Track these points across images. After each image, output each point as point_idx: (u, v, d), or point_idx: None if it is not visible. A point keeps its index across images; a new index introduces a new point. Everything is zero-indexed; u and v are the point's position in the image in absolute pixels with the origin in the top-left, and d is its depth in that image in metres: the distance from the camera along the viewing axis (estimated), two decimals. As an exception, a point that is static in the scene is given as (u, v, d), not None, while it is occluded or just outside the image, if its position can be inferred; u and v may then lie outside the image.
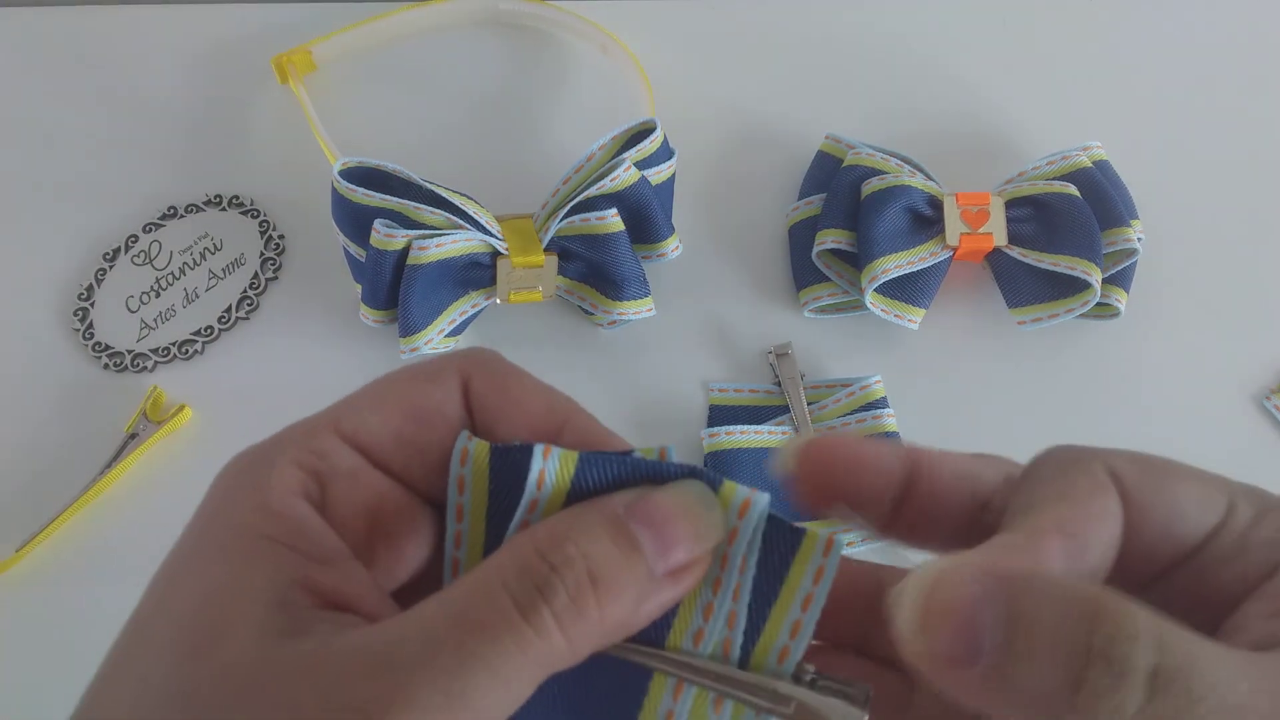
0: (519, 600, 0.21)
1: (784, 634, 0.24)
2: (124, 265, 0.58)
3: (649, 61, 0.62)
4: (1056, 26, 0.66)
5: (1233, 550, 0.24)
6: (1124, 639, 0.20)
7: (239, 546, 0.22)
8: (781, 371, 0.55)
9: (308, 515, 0.23)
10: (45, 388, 0.55)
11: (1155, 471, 0.24)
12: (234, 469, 0.24)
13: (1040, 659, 0.20)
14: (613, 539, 0.22)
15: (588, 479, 0.23)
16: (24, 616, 0.50)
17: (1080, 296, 0.54)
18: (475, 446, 0.24)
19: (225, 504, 0.23)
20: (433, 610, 0.21)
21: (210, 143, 0.62)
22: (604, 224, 0.52)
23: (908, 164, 0.57)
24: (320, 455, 0.24)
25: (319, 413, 0.25)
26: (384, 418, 0.24)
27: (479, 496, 0.24)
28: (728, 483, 0.24)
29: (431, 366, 0.25)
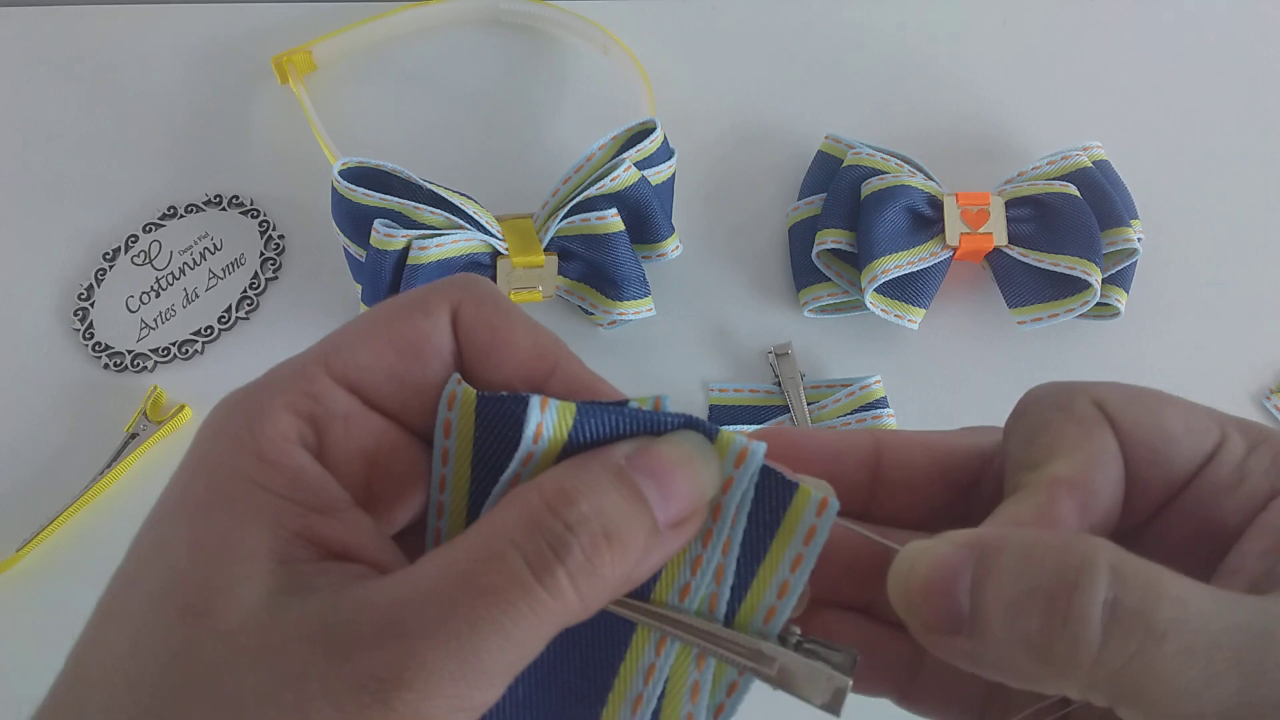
0: (532, 561, 0.20)
1: (771, 593, 0.24)
2: (124, 265, 0.58)
3: (649, 61, 0.62)
4: (1057, 26, 0.66)
5: (1230, 479, 0.24)
6: (1074, 578, 0.20)
7: (235, 498, 0.21)
8: (781, 371, 0.55)
9: (306, 463, 0.22)
10: (45, 388, 0.55)
11: (1142, 400, 0.24)
12: (223, 414, 0.23)
13: (1004, 616, 0.21)
14: (620, 492, 0.22)
15: (585, 432, 0.23)
16: (24, 616, 0.50)
17: (1080, 296, 0.54)
18: (463, 391, 0.23)
19: (217, 452, 0.22)
20: (440, 568, 0.20)
21: (210, 143, 0.62)
22: (604, 224, 0.52)
23: (908, 164, 0.57)
24: (314, 398, 0.23)
25: (308, 350, 0.24)
26: (376, 354, 0.23)
27: (464, 443, 0.24)
28: (724, 432, 0.23)
29: (421, 296, 0.24)
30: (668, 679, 0.24)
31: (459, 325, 0.24)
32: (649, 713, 0.24)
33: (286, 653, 0.19)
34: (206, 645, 0.20)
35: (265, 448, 0.22)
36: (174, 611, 0.20)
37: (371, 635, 0.19)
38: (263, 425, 0.22)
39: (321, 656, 0.19)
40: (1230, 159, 0.62)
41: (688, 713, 0.24)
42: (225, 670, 0.19)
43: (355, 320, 0.24)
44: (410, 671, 0.19)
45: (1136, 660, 0.20)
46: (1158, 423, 0.24)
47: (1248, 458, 0.24)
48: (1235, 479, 0.24)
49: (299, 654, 0.19)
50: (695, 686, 0.24)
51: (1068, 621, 0.20)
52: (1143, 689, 0.20)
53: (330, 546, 0.22)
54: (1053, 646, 0.20)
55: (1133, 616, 0.20)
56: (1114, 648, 0.20)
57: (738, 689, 0.24)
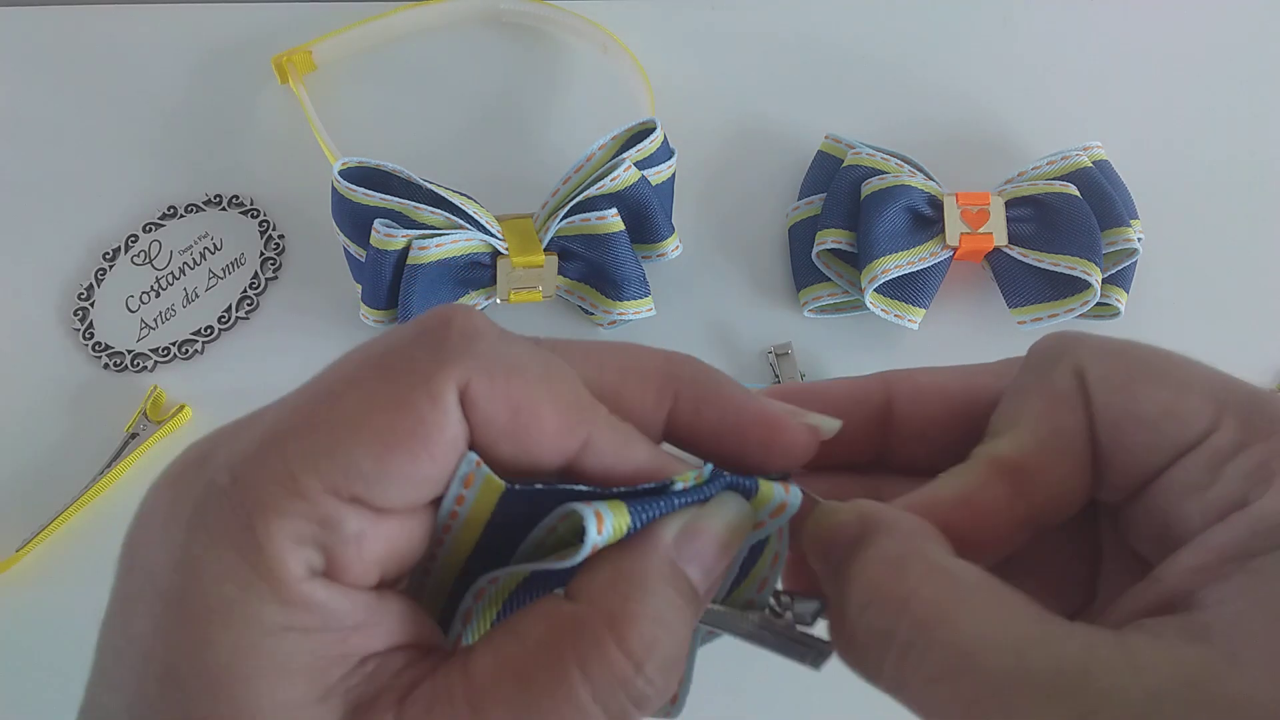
0: (612, 713, 0.20)
1: (765, 567, 0.25)
2: (124, 265, 0.58)
3: (649, 61, 0.62)
4: (1057, 26, 0.66)
5: (1200, 478, 0.21)
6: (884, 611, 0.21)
7: (266, 652, 0.19)
8: (782, 372, 0.54)
9: (332, 597, 0.20)
10: (45, 387, 0.55)
11: (1128, 373, 0.22)
12: (202, 545, 0.19)
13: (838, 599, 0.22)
14: (677, 605, 0.21)
15: (638, 525, 0.22)
16: (24, 616, 0.50)
17: (1080, 296, 0.54)
18: (484, 477, 0.21)
19: (225, 600, 0.19)
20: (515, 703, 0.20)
21: (210, 142, 0.62)
22: (604, 224, 0.52)
23: (908, 164, 0.57)
24: (321, 524, 0.19)
25: (286, 437, 0.20)
26: (378, 459, 0.19)
27: (478, 514, 0.22)
28: (764, 485, 0.23)
29: (421, 373, 0.20)
30: None
31: (470, 407, 0.20)
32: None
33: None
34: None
35: (282, 592, 0.19)
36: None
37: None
38: (273, 567, 0.19)
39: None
40: (1231, 159, 0.62)
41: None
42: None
43: (337, 391, 0.20)
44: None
45: (913, 687, 0.21)
46: (1130, 404, 0.22)
47: (1231, 458, 0.21)
48: (1206, 479, 0.21)
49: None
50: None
51: (854, 641, 0.22)
52: (920, 709, 0.21)
53: (372, 653, 0.21)
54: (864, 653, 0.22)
55: (909, 642, 0.20)
56: (893, 667, 0.21)
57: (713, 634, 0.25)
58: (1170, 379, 0.22)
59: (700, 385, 0.23)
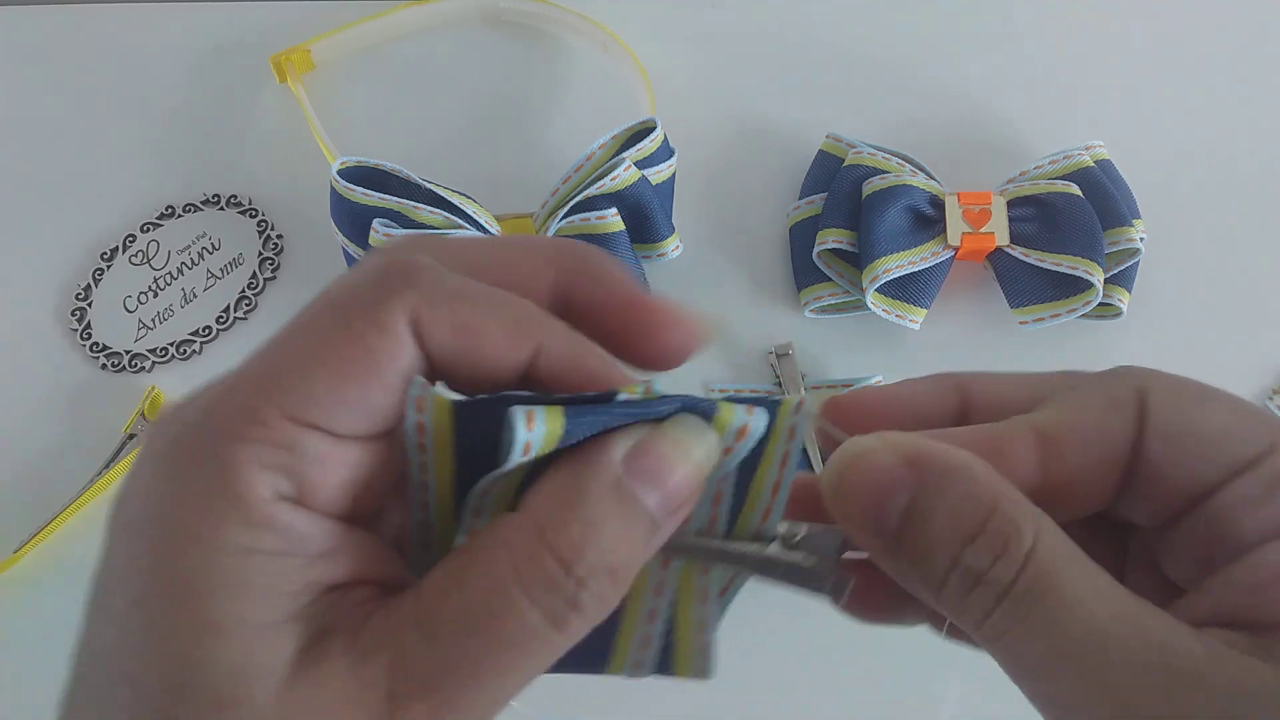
0: (550, 616, 0.20)
1: (765, 494, 0.24)
2: (122, 265, 0.58)
3: (649, 60, 0.61)
4: (1059, 25, 0.66)
5: (1258, 494, 0.22)
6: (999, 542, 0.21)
7: (233, 572, 0.20)
8: (782, 372, 0.54)
9: (294, 517, 0.21)
10: (43, 388, 0.55)
11: (1186, 394, 0.23)
12: (170, 475, 0.20)
13: (921, 553, 0.22)
14: (622, 516, 0.21)
15: (576, 434, 0.22)
16: (23, 617, 0.50)
17: (1082, 296, 0.54)
18: (432, 398, 0.22)
19: (190, 519, 0.20)
20: (459, 617, 0.20)
21: (208, 142, 0.61)
22: (604, 224, 0.52)
23: (909, 163, 0.57)
24: (284, 448, 0.20)
25: (243, 377, 0.21)
26: (331, 386, 0.21)
27: (442, 437, 0.22)
28: (723, 407, 0.23)
29: (368, 303, 0.21)
30: (677, 588, 0.25)
31: (422, 334, 0.22)
32: (664, 620, 0.25)
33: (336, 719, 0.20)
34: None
35: (248, 513, 0.20)
36: (204, 705, 0.19)
37: (409, 691, 0.20)
38: (238, 489, 0.20)
39: (368, 718, 0.20)
40: (1233, 158, 0.62)
41: (701, 617, 0.25)
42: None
43: (292, 337, 0.21)
44: (450, 717, 0.20)
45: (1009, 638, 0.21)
46: (1193, 419, 0.23)
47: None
48: (1263, 495, 0.22)
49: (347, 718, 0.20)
50: (704, 593, 0.25)
51: (979, 580, 0.21)
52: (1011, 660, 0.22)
53: (333, 582, 0.21)
54: (953, 596, 0.22)
55: (1030, 594, 0.21)
56: (1004, 611, 0.21)
57: (734, 581, 0.25)
58: (1230, 405, 0.23)
59: (583, 261, 0.24)
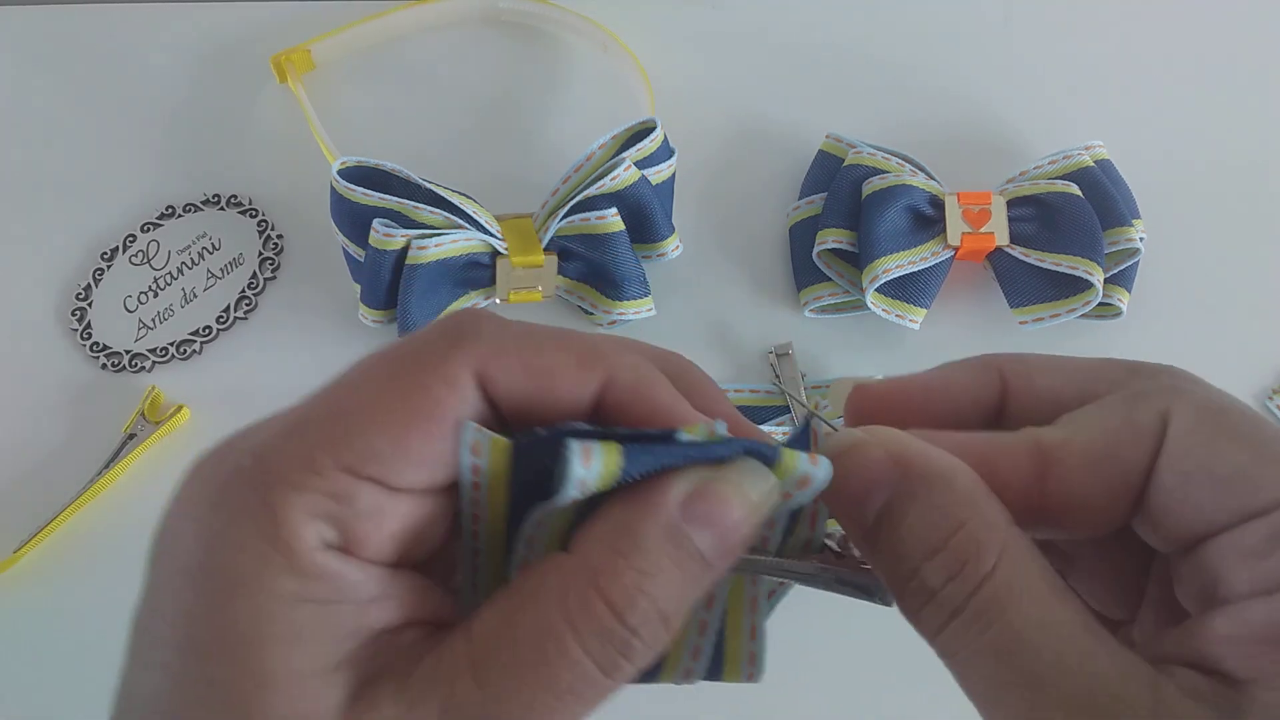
0: (603, 665, 0.20)
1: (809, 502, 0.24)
2: (122, 265, 0.58)
3: (649, 60, 0.61)
4: (1058, 25, 0.66)
5: (1257, 547, 0.21)
6: (956, 562, 0.21)
7: (282, 619, 0.20)
8: (782, 372, 0.54)
9: (345, 568, 0.20)
10: (43, 388, 0.55)
11: (1211, 426, 0.22)
12: (221, 522, 0.20)
13: (888, 555, 0.23)
14: (676, 562, 0.21)
15: (633, 473, 0.22)
16: (23, 617, 0.50)
17: (1082, 296, 0.54)
18: (489, 442, 0.22)
19: (238, 571, 0.20)
20: (511, 658, 0.20)
21: (208, 142, 0.61)
22: (604, 223, 0.52)
23: (909, 163, 0.57)
24: (336, 499, 0.20)
25: (303, 422, 0.21)
26: (394, 439, 0.21)
27: (497, 479, 0.22)
28: (786, 454, 0.22)
29: (436, 357, 0.21)
30: (727, 600, 0.25)
31: (490, 385, 0.22)
32: (714, 631, 0.25)
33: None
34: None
35: (298, 563, 0.20)
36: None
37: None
38: (288, 540, 0.20)
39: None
40: (1232, 158, 0.62)
41: (751, 624, 0.25)
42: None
43: (353, 384, 0.22)
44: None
45: (956, 657, 0.21)
46: (1209, 458, 0.22)
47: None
48: (1265, 549, 0.21)
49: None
50: (754, 601, 0.25)
51: (933, 597, 0.22)
52: (959, 677, 0.22)
53: (386, 627, 0.21)
54: (913, 602, 0.22)
55: (980, 614, 0.21)
56: (953, 627, 0.21)
57: (783, 584, 0.25)
58: (1255, 443, 0.22)
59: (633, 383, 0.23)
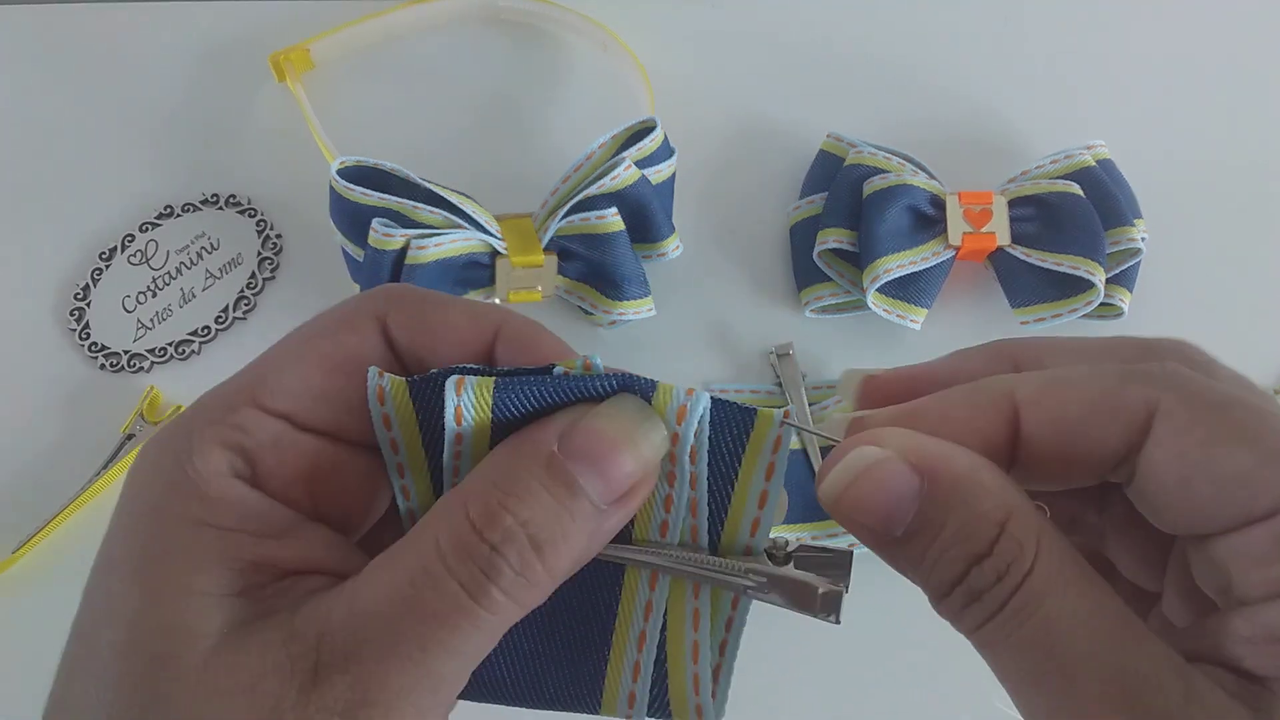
0: (466, 585, 0.21)
1: (751, 506, 0.24)
2: (120, 265, 0.58)
3: (649, 59, 0.61)
4: (1059, 24, 0.66)
5: (1263, 553, 0.20)
6: (1003, 564, 0.21)
7: (182, 541, 0.21)
8: (783, 372, 0.54)
9: (246, 494, 0.22)
10: (41, 388, 0.55)
11: (1213, 431, 0.21)
12: (151, 457, 0.23)
13: (928, 564, 0.22)
14: (551, 490, 0.21)
15: (508, 407, 0.23)
16: (21, 618, 0.50)
17: (1083, 296, 0.53)
18: (391, 383, 0.23)
19: (155, 496, 0.22)
20: (385, 590, 0.21)
21: (207, 141, 0.61)
22: (604, 223, 0.52)
23: (910, 163, 0.56)
24: (241, 429, 0.22)
25: (232, 379, 0.24)
26: (302, 376, 0.23)
27: (408, 426, 0.24)
28: (661, 387, 0.23)
29: (345, 312, 0.24)
30: (667, 612, 0.24)
31: (392, 334, 0.24)
32: (654, 645, 0.24)
33: (258, 688, 0.20)
34: (178, 690, 0.20)
35: (202, 486, 0.22)
36: (139, 662, 0.20)
37: (332, 662, 0.20)
38: (196, 464, 0.22)
39: (290, 689, 0.20)
40: (1233, 158, 0.62)
41: (693, 641, 0.24)
42: (200, 711, 0.20)
43: (280, 343, 0.24)
44: (373, 693, 0.20)
45: (996, 648, 0.21)
46: (1206, 459, 0.21)
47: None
48: (1270, 555, 0.20)
49: (270, 688, 0.20)
50: (696, 614, 0.24)
51: (973, 596, 0.21)
52: (997, 667, 0.22)
53: (287, 566, 0.22)
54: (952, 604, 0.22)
55: (1010, 615, 0.21)
56: (986, 631, 0.21)
57: (734, 622, 0.25)
58: (1260, 444, 0.21)
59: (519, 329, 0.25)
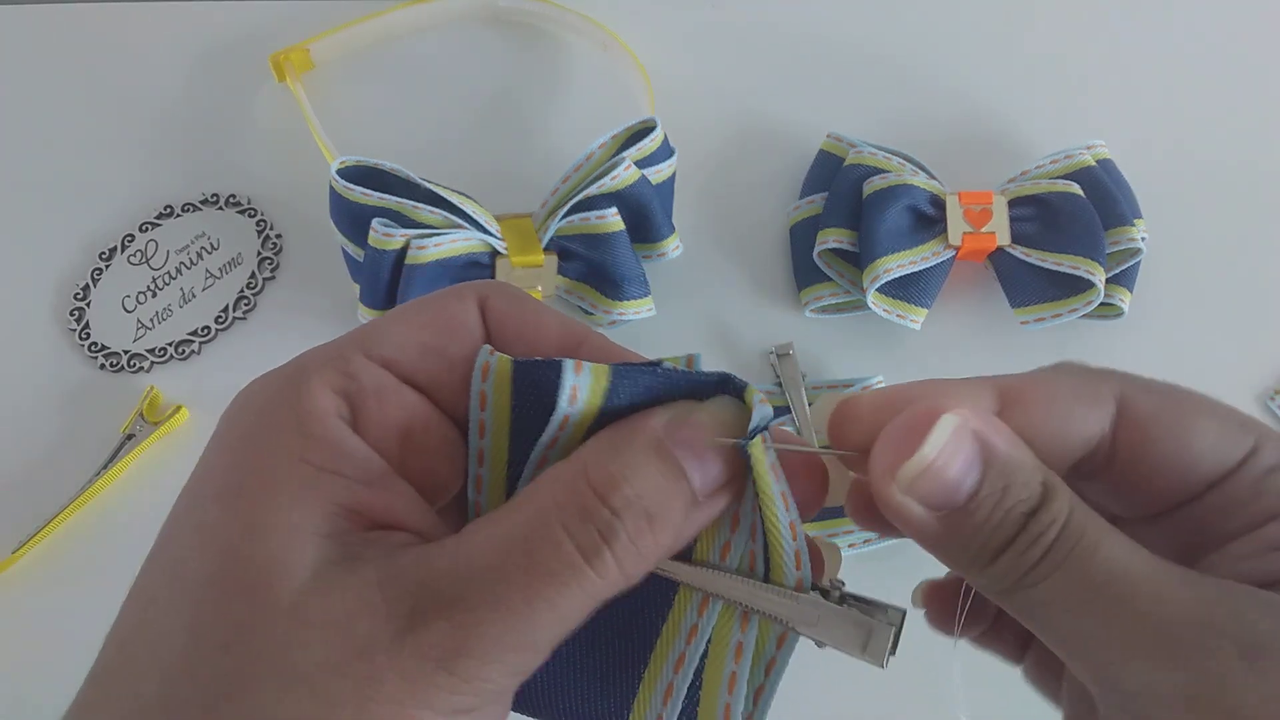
0: (583, 546, 0.21)
1: (786, 536, 0.24)
2: (120, 265, 0.57)
3: (649, 59, 0.61)
4: (1059, 24, 0.66)
5: (1246, 494, 0.23)
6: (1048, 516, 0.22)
7: (280, 476, 0.22)
8: (783, 372, 0.54)
9: (348, 437, 0.23)
10: (41, 388, 0.55)
11: (1176, 404, 0.24)
12: (258, 393, 0.24)
13: (992, 523, 0.22)
14: (661, 470, 0.22)
15: (620, 394, 0.23)
16: (21, 617, 0.50)
17: (1083, 296, 0.53)
18: (497, 361, 0.24)
19: (259, 431, 0.23)
20: (495, 542, 0.21)
21: (207, 141, 0.61)
22: (604, 223, 0.52)
23: (910, 163, 0.56)
24: (349, 375, 0.23)
25: (343, 335, 0.25)
26: (408, 330, 0.24)
27: (501, 412, 0.24)
28: (749, 389, 0.24)
29: (450, 289, 0.26)
30: (710, 640, 0.24)
31: (488, 313, 0.25)
32: (690, 671, 0.24)
33: (351, 626, 0.20)
34: (268, 621, 0.20)
35: (307, 423, 0.22)
36: (230, 590, 0.21)
37: (433, 607, 0.20)
38: (303, 403, 0.23)
39: (385, 629, 0.20)
40: (1234, 158, 0.62)
41: (731, 672, 0.24)
42: (291, 645, 0.20)
43: (389, 310, 0.26)
44: (472, 641, 0.20)
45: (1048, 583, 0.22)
46: (1186, 435, 0.24)
47: (1271, 474, 0.23)
48: (1252, 494, 0.23)
49: (363, 627, 0.20)
50: (739, 647, 0.24)
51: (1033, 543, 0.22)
52: (1040, 616, 0.22)
53: (375, 517, 0.23)
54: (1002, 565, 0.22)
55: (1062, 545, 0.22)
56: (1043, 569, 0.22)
57: (775, 666, 0.24)
58: (1214, 413, 0.24)
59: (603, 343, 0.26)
